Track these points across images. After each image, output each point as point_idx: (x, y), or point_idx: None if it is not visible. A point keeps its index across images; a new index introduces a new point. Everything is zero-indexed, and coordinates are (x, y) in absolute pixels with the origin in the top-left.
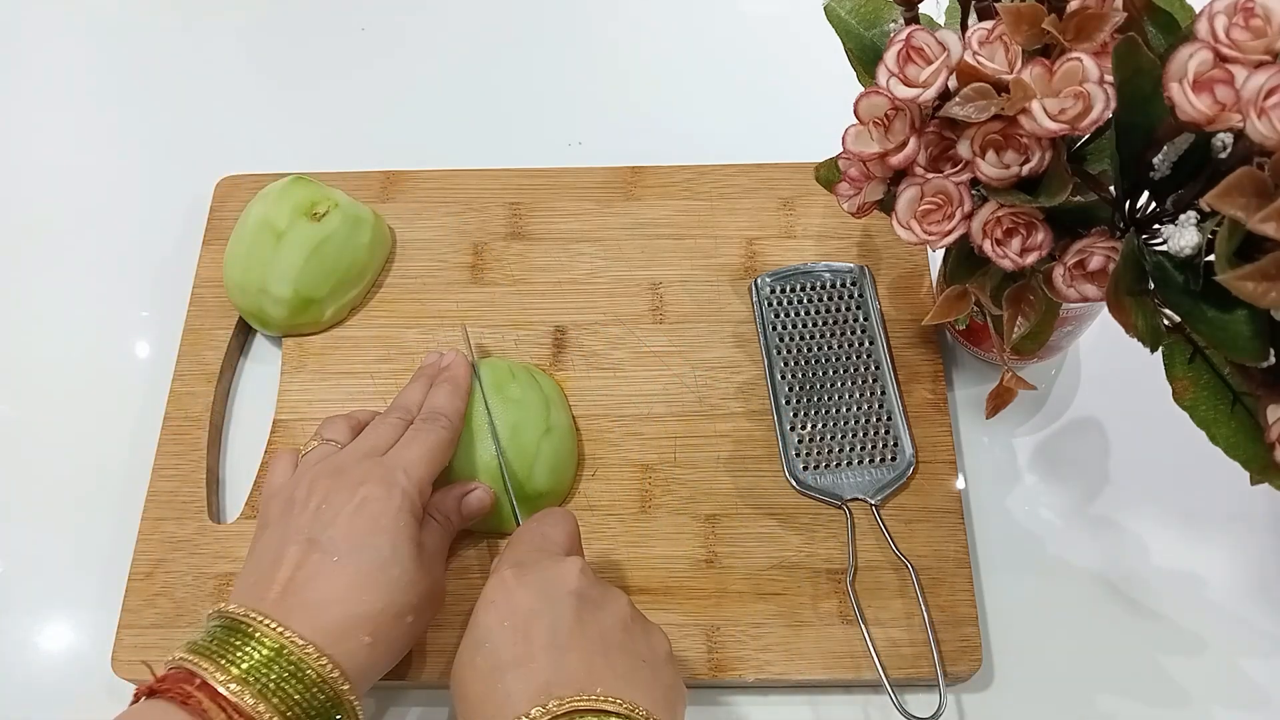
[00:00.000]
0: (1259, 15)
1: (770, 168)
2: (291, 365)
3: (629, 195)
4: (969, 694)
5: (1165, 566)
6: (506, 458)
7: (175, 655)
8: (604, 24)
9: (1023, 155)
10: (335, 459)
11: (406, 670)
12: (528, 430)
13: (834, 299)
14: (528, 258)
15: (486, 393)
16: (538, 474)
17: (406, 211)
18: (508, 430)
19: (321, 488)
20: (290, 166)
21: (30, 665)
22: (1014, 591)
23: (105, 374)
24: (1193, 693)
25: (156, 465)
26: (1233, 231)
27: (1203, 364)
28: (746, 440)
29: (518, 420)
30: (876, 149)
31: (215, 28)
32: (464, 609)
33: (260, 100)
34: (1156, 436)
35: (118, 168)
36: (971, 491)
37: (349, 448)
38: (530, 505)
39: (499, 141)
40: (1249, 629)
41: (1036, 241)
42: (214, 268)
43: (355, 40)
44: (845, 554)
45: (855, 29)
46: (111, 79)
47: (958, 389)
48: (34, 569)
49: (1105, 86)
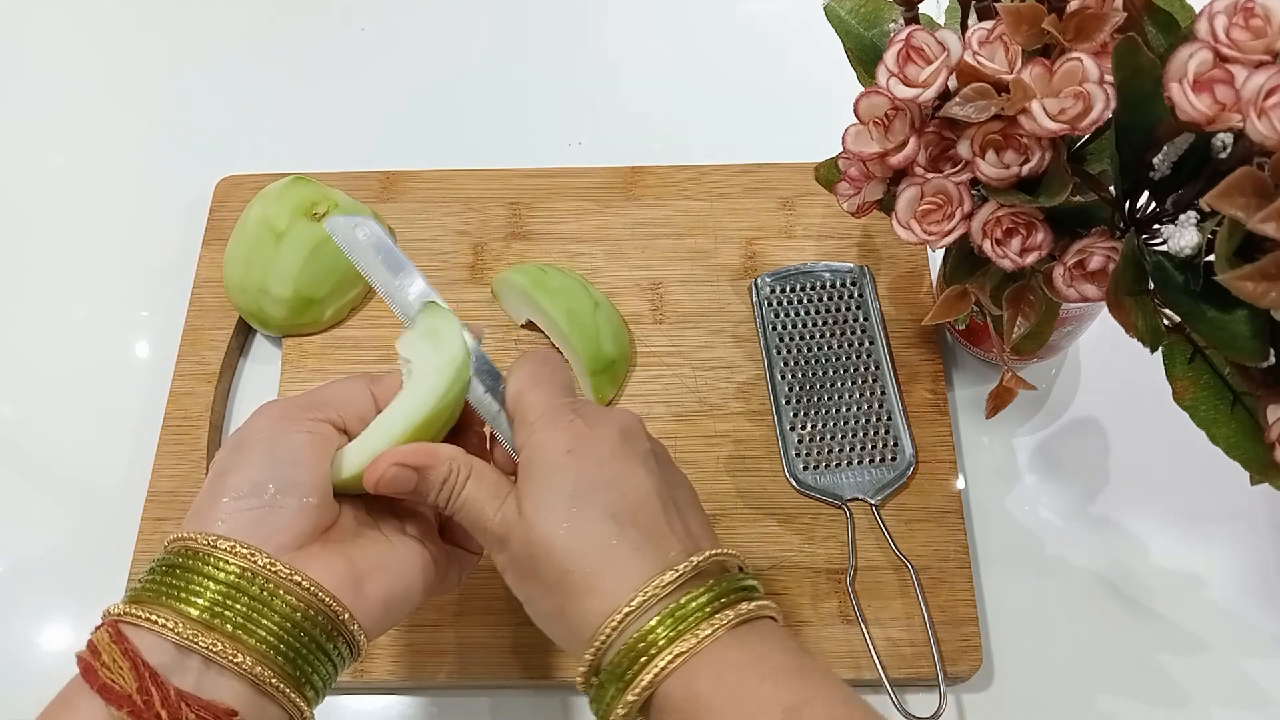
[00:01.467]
0: (1259, 15)
1: (770, 168)
2: (291, 365)
3: (629, 195)
4: (969, 694)
5: (1165, 566)
6: (570, 341)
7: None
8: (604, 24)
9: (1023, 155)
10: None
11: (407, 671)
12: (581, 311)
13: (834, 299)
14: (528, 258)
15: (533, 294)
16: (605, 344)
17: (406, 211)
18: (564, 316)
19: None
20: (290, 166)
21: (30, 665)
22: (1014, 591)
23: (105, 374)
24: (1193, 693)
25: (156, 465)
26: (1233, 231)
27: (1203, 364)
28: (746, 440)
29: (569, 305)
30: (876, 149)
31: (215, 28)
32: (465, 608)
33: (260, 100)
34: (1156, 436)
35: (118, 168)
36: (971, 491)
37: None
38: (608, 373)
39: (499, 141)
40: (1249, 629)
41: (1036, 241)
42: (214, 268)
43: (355, 40)
44: (845, 554)
45: (855, 29)
46: (111, 79)
47: (958, 389)
48: (34, 569)
49: (1105, 86)
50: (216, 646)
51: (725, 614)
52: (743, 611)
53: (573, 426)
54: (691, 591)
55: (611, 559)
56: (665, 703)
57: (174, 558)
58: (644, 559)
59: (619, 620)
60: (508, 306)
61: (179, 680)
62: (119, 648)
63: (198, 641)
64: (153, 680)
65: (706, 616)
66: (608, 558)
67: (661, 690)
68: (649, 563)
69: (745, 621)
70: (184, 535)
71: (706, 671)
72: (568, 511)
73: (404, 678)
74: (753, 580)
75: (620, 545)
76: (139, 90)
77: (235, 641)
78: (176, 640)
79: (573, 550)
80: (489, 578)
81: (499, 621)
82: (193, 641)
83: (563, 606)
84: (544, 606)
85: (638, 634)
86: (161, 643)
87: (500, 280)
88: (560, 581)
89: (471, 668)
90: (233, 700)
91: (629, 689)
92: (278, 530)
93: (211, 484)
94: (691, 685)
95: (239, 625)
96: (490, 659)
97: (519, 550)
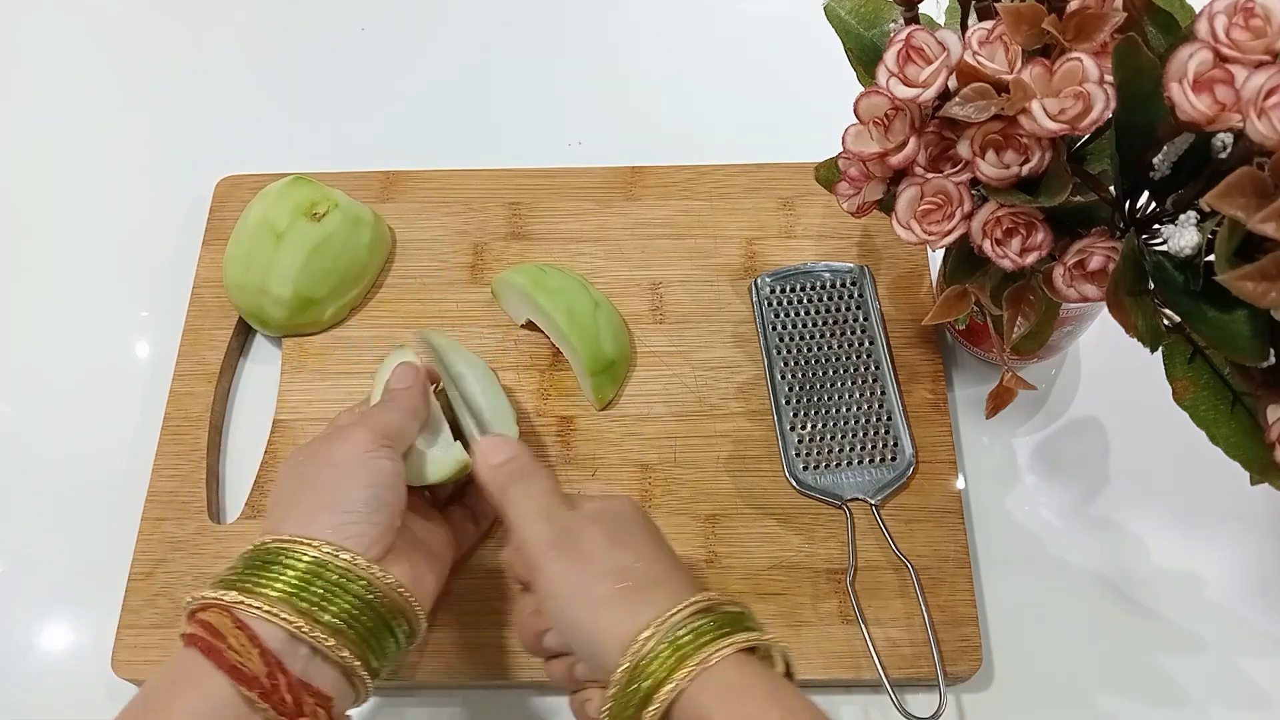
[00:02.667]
0: (1259, 15)
1: (770, 168)
2: (291, 365)
3: (629, 195)
4: (969, 694)
5: (1165, 566)
6: (570, 341)
7: (195, 596)
8: (604, 24)
9: (1023, 155)
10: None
11: (404, 670)
12: (581, 311)
13: (834, 299)
14: (528, 258)
15: (533, 294)
16: (605, 344)
17: (406, 211)
18: (564, 316)
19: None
20: (290, 166)
21: (30, 665)
22: (1014, 591)
23: (105, 374)
24: (1193, 693)
25: (156, 465)
26: (1233, 231)
27: (1203, 364)
28: (746, 440)
29: (569, 305)
30: (876, 149)
31: (215, 28)
32: (465, 608)
33: (260, 100)
34: (1156, 436)
35: (118, 168)
36: (971, 491)
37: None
38: (608, 373)
39: (499, 141)
40: (1249, 629)
41: (1036, 241)
42: (214, 268)
43: (355, 40)
44: (845, 554)
45: (855, 29)
46: (111, 79)
47: (958, 389)
48: (34, 569)
49: (1105, 86)
50: (329, 641)
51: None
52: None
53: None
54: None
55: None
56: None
57: (278, 554)
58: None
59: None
60: (507, 306)
61: (291, 666)
62: (244, 633)
63: (311, 635)
64: (278, 666)
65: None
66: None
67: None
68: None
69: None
70: (288, 536)
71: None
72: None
73: (403, 678)
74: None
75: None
76: (139, 90)
77: (336, 634)
78: (293, 631)
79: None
80: (489, 578)
81: (499, 621)
82: (304, 634)
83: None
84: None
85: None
86: (277, 632)
87: (500, 280)
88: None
89: (471, 668)
90: (330, 688)
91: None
92: (373, 542)
93: (315, 495)
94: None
95: (340, 618)
96: (490, 659)
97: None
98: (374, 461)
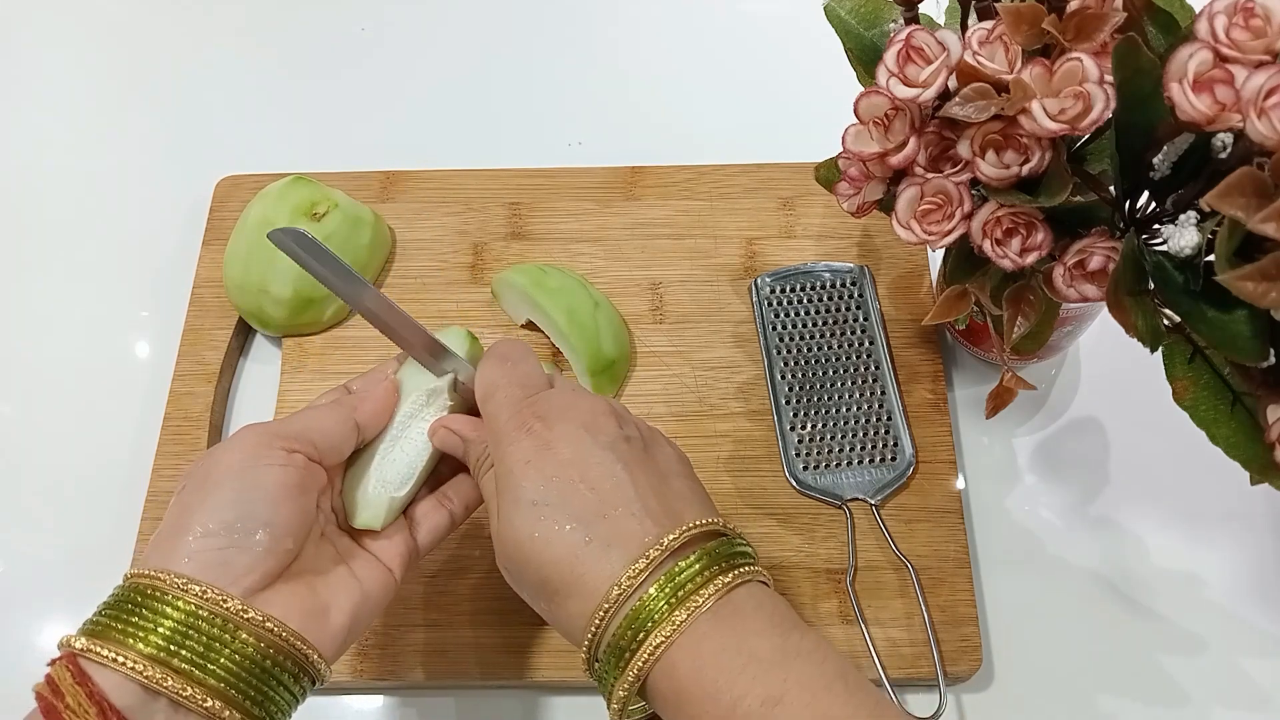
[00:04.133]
0: (1259, 15)
1: (770, 168)
2: (291, 365)
3: (629, 195)
4: (969, 694)
5: (1165, 566)
6: (570, 341)
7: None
8: (604, 24)
9: (1023, 155)
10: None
11: (404, 670)
12: (581, 310)
13: (834, 299)
14: (528, 258)
15: (533, 293)
16: (604, 344)
17: (406, 211)
18: (564, 316)
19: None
20: (290, 166)
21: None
22: (1014, 591)
23: (105, 374)
24: (1193, 693)
25: (156, 465)
26: (1233, 231)
27: (1203, 364)
28: (746, 440)
29: (569, 304)
30: (876, 149)
31: (215, 28)
32: (465, 608)
33: (260, 100)
34: (1156, 436)
35: (118, 168)
36: (971, 491)
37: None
38: (608, 373)
39: (499, 141)
40: (1249, 629)
41: (1036, 241)
42: (214, 268)
43: (355, 40)
44: (845, 554)
45: (855, 29)
46: (111, 79)
47: (958, 389)
48: (34, 569)
49: (1105, 86)
50: (186, 691)
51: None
52: (730, 581)
53: (531, 433)
54: (679, 563)
55: (583, 561)
56: (654, 695)
57: (132, 594)
58: (618, 552)
59: (601, 617)
60: (508, 306)
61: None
62: (83, 689)
63: (165, 684)
64: None
65: (680, 604)
66: (580, 561)
67: (650, 682)
68: (623, 554)
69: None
70: (146, 572)
71: (686, 663)
72: (533, 522)
73: (403, 677)
74: (744, 546)
75: (591, 545)
76: (139, 90)
77: (195, 682)
78: (144, 682)
79: (544, 559)
80: (488, 578)
81: (499, 621)
82: (160, 685)
83: (550, 610)
84: (538, 608)
85: (618, 628)
86: (127, 684)
87: (500, 280)
88: (542, 588)
89: (471, 668)
90: None
91: (623, 677)
92: (244, 571)
93: (178, 518)
94: (674, 678)
95: (195, 663)
96: (490, 659)
97: (503, 560)
98: (254, 472)
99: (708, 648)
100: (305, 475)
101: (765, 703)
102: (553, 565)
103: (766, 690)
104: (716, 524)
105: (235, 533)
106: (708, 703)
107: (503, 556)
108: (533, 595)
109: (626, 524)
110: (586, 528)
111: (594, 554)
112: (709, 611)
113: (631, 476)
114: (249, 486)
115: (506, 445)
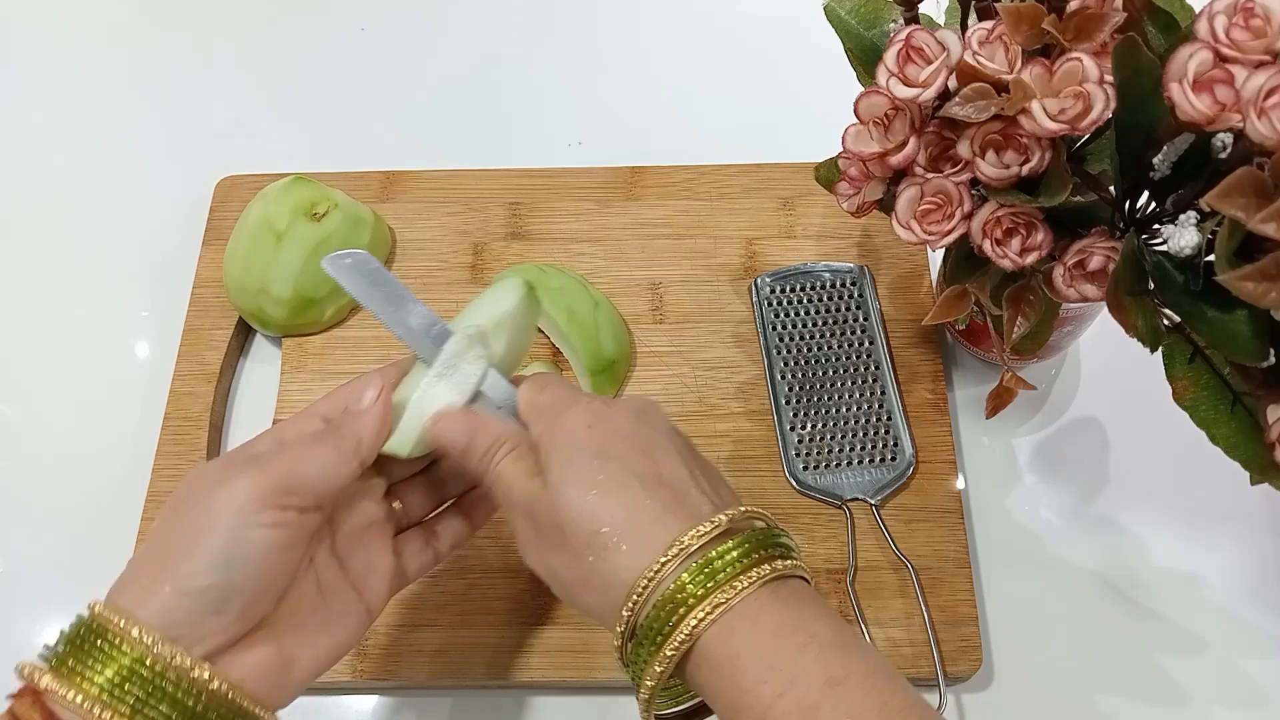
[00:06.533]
0: (1259, 15)
1: (770, 168)
2: (291, 365)
3: (629, 195)
4: (969, 694)
5: (1165, 566)
6: (570, 341)
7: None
8: (604, 24)
9: (1023, 155)
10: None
11: (403, 670)
12: (581, 310)
13: (834, 299)
14: (528, 258)
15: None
16: (604, 343)
17: (406, 211)
18: (564, 316)
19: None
20: (290, 166)
21: None
22: (1014, 591)
23: (105, 374)
24: (1193, 693)
25: (156, 465)
26: (1233, 231)
27: (1203, 364)
28: (746, 440)
29: (569, 304)
30: (876, 149)
31: (215, 28)
32: (464, 608)
33: (260, 100)
34: (1156, 436)
35: (118, 168)
36: (971, 491)
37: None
38: (608, 373)
39: (499, 141)
40: (1249, 629)
41: (1036, 241)
42: (214, 268)
43: (355, 40)
44: (845, 554)
45: (855, 29)
46: (112, 80)
47: (958, 389)
48: (34, 569)
49: (1105, 86)
50: None
51: (761, 569)
52: (778, 568)
53: (590, 407)
54: (725, 543)
55: (642, 515)
56: (702, 660)
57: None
58: (674, 515)
59: (654, 573)
60: None
61: None
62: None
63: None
64: None
65: (742, 570)
66: (638, 514)
67: (699, 646)
68: (679, 519)
69: (779, 578)
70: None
71: (745, 630)
72: (594, 477)
73: (403, 677)
74: (787, 539)
75: (650, 502)
76: (139, 90)
77: None
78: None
79: (601, 511)
80: (488, 577)
81: (499, 621)
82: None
83: (594, 568)
84: (574, 575)
85: (674, 586)
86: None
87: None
88: (590, 543)
89: (470, 668)
90: None
91: (667, 642)
92: (211, 633)
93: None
94: (730, 643)
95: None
96: (490, 659)
97: (546, 520)
98: (243, 533)
99: (767, 619)
100: (297, 532)
101: (829, 682)
102: (611, 513)
103: (828, 670)
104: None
105: (210, 597)
106: (767, 673)
107: (550, 514)
108: (574, 556)
109: (687, 493)
110: (647, 488)
111: (655, 509)
112: (772, 583)
113: (684, 460)
114: (235, 549)
115: (565, 413)
